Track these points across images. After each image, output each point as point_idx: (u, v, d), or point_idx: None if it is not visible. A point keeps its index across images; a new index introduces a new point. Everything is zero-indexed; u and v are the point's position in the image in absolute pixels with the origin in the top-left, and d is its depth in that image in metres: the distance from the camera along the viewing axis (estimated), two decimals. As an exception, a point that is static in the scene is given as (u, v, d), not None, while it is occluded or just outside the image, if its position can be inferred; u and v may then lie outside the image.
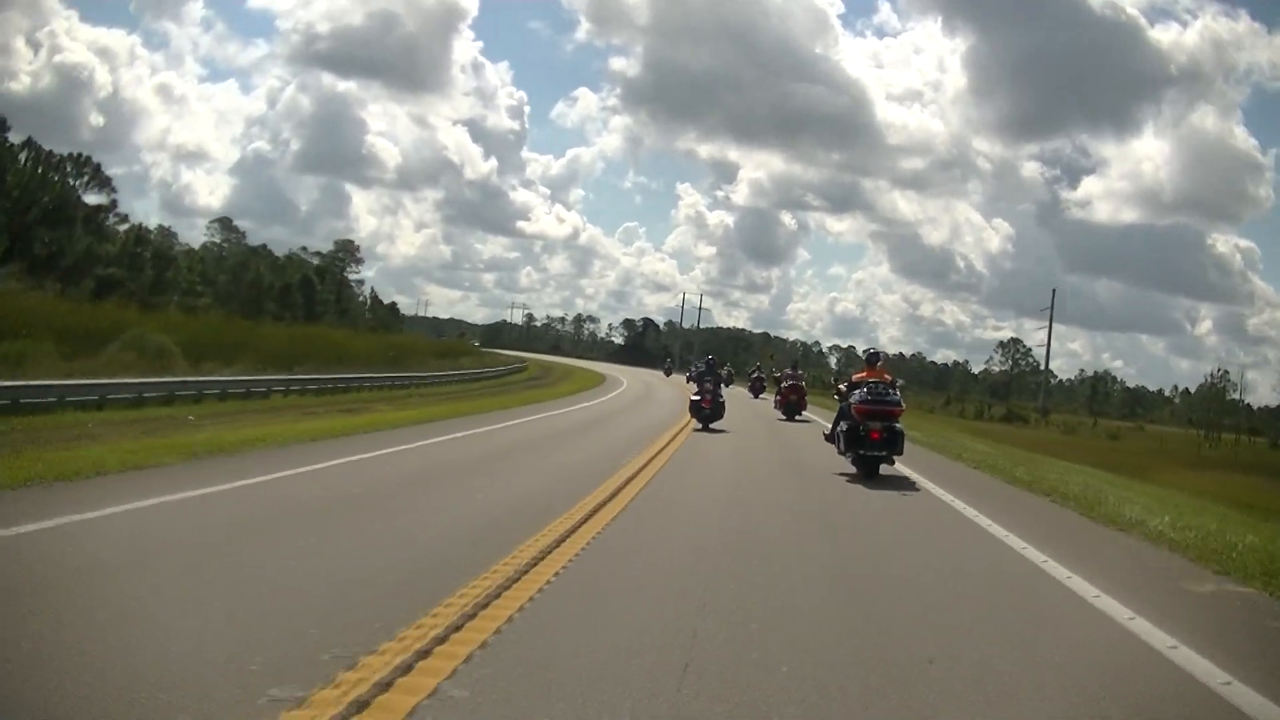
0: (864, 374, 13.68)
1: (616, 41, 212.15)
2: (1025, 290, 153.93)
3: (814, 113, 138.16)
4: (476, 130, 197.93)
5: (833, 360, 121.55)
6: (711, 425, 19.42)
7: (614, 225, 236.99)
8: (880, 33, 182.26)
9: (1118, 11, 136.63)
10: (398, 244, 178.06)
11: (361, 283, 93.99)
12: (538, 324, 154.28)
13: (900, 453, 12.90)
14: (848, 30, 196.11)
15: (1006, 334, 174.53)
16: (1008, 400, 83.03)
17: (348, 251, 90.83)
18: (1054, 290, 74.56)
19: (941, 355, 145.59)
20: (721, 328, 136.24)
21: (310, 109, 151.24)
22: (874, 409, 12.77)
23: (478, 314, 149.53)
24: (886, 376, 13.54)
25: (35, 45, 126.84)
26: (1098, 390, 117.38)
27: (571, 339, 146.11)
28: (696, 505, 9.46)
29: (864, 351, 14.82)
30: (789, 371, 29.88)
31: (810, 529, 8.66)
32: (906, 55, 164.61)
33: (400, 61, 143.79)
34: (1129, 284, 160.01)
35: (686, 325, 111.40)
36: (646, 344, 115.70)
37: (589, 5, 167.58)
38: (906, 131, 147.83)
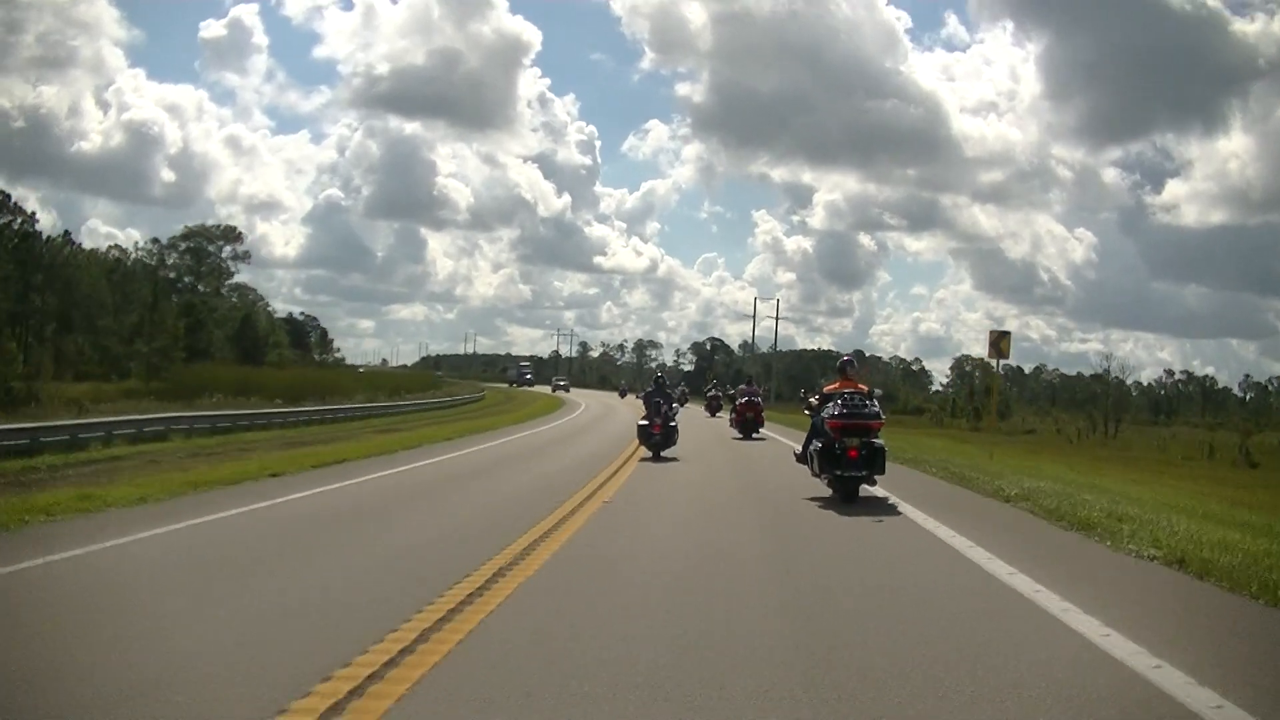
0: (836, 385, 12.04)
1: (682, 69, 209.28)
2: (1112, 300, 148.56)
3: (887, 130, 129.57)
4: (548, 166, 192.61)
5: (939, 381, 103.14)
6: (663, 454, 17.46)
7: (692, 256, 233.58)
8: (950, 46, 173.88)
9: (1198, 6, 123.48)
10: (476, 285, 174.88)
11: (240, 290, 67.88)
12: (593, 354, 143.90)
13: (881, 471, 11.28)
14: (916, 45, 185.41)
15: (1094, 345, 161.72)
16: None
17: (211, 239, 63.82)
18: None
19: (1030, 370, 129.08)
20: (806, 350, 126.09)
21: (379, 153, 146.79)
22: (850, 424, 11.20)
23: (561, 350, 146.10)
24: (862, 387, 11.90)
25: (104, 105, 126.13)
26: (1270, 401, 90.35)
27: (631, 371, 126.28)
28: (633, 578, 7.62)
29: (840, 361, 13.09)
30: (744, 387, 28.29)
31: (797, 583, 6.88)
32: (977, 66, 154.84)
33: (466, 99, 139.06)
34: (1218, 288, 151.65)
35: (764, 349, 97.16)
36: (717, 370, 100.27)
37: (651, 34, 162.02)
38: (983, 144, 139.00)
